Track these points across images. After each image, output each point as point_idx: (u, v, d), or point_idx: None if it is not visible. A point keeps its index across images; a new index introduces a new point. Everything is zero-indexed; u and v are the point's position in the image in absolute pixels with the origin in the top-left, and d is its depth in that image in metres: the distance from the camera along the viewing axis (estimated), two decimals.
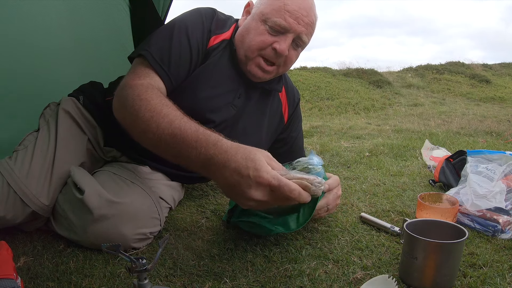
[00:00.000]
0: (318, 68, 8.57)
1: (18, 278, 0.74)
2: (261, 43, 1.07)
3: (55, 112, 1.16)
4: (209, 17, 1.12)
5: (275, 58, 1.09)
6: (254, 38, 1.08)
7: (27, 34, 1.51)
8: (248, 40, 1.09)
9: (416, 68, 10.08)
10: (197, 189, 1.48)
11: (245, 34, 1.10)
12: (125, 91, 0.93)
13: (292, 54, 1.12)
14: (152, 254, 0.96)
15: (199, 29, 1.08)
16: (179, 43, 1.04)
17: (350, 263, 0.90)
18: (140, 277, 0.67)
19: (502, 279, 0.84)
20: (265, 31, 1.07)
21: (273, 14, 1.05)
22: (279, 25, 1.05)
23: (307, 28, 1.09)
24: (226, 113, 1.14)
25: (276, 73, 1.16)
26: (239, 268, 0.88)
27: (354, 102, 6.34)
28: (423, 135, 2.87)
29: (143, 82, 0.95)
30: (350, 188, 1.50)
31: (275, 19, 1.05)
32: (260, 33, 1.07)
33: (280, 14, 1.05)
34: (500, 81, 9.57)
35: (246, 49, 1.09)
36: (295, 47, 1.12)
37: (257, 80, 1.15)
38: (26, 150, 1.06)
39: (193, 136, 0.80)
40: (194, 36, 1.06)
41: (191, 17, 1.10)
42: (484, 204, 1.11)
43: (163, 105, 0.87)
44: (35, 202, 0.99)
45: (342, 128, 3.35)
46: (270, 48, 1.07)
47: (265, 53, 1.08)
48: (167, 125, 0.83)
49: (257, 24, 1.08)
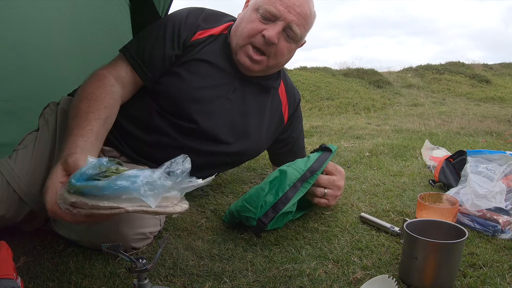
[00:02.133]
0: (318, 68, 8.57)
1: (18, 278, 0.74)
2: (251, 30, 1.09)
3: (55, 112, 1.16)
4: (194, 14, 1.16)
5: (265, 46, 1.10)
6: (246, 26, 1.11)
7: (27, 34, 1.50)
8: (240, 29, 1.12)
9: (416, 68, 10.07)
10: (197, 189, 1.48)
11: (239, 24, 1.14)
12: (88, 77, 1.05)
13: (283, 46, 1.12)
14: (152, 254, 0.96)
15: (179, 23, 1.12)
16: (154, 37, 1.11)
17: (350, 263, 0.90)
18: (140, 277, 0.67)
19: (502, 279, 0.84)
20: (257, 19, 1.09)
21: (265, 2, 1.09)
22: (269, 11, 1.07)
23: (298, 18, 1.09)
24: (219, 106, 1.15)
25: (266, 65, 1.15)
26: (239, 268, 0.88)
27: (354, 102, 6.34)
28: (423, 135, 2.87)
29: (102, 72, 1.06)
30: (350, 188, 1.50)
31: (266, 6, 1.08)
32: (252, 21, 1.10)
33: (271, 2, 1.08)
34: (500, 81, 9.56)
35: (238, 38, 1.12)
36: (286, 38, 1.12)
37: (248, 72, 1.16)
38: (26, 150, 1.06)
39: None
40: (170, 29, 1.11)
41: (175, 13, 1.16)
42: (484, 204, 1.11)
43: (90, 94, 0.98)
44: (34, 201, 0.99)
45: (342, 128, 3.34)
46: (260, 35, 1.09)
47: (255, 40, 1.10)
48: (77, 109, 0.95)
49: (250, 13, 1.11)
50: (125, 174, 0.66)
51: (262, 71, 1.17)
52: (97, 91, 0.99)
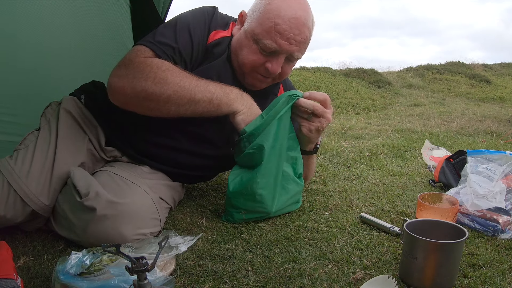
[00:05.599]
0: (318, 68, 8.56)
1: (18, 278, 0.74)
2: (253, 63, 1.09)
3: (56, 112, 1.16)
4: (210, 14, 1.14)
5: (269, 75, 1.12)
6: (247, 56, 1.09)
7: (29, 33, 1.51)
8: (241, 57, 1.11)
9: (416, 68, 10.06)
10: (197, 189, 1.48)
11: (238, 49, 1.12)
12: (139, 67, 0.97)
13: (286, 68, 1.14)
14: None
15: (200, 26, 1.10)
16: (181, 40, 1.06)
17: (350, 263, 0.90)
18: (140, 277, 0.67)
19: (502, 279, 0.84)
20: (257, 50, 1.08)
21: (263, 35, 1.05)
22: (269, 48, 1.06)
23: (299, 46, 1.09)
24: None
25: (272, 83, 1.20)
26: (239, 268, 0.88)
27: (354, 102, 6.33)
28: (423, 135, 2.87)
29: (150, 58, 1.00)
30: (350, 188, 1.50)
31: (265, 41, 1.05)
32: (253, 52, 1.08)
33: (270, 36, 1.04)
34: (500, 81, 9.55)
35: (240, 64, 1.12)
36: (288, 62, 1.14)
37: (255, 89, 1.18)
38: (26, 150, 1.06)
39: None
40: (195, 33, 1.08)
41: (193, 14, 1.12)
42: (484, 204, 1.11)
43: (179, 72, 1.00)
44: (35, 201, 0.99)
45: (342, 128, 3.34)
46: (263, 67, 1.10)
47: (259, 70, 1.11)
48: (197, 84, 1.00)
49: (249, 42, 1.09)
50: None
51: (268, 85, 1.21)
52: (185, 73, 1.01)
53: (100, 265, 0.77)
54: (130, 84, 0.97)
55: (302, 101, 1.09)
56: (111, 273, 0.74)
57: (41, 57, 1.57)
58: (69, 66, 1.69)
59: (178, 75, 0.99)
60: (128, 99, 1.00)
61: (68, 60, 1.68)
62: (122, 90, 0.99)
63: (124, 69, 0.99)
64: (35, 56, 1.55)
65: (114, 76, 1.00)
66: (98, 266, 0.77)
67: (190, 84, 0.99)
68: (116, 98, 1.02)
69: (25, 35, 1.49)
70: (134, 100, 0.99)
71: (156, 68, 0.97)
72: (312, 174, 1.36)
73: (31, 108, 1.38)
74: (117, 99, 1.03)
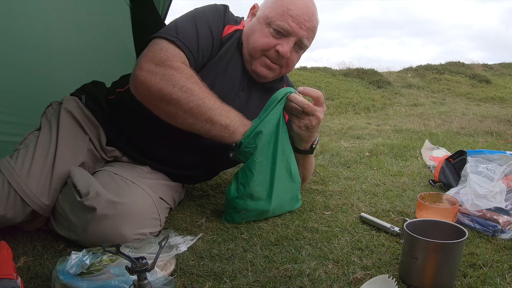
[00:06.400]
0: (318, 68, 8.56)
1: (18, 278, 0.74)
2: (265, 45, 1.13)
3: (57, 112, 1.16)
4: (223, 10, 1.18)
5: (278, 60, 1.15)
6: (259, 39, 1.13)
7: (29, 33, 1.51)
8: (253, 41, 1.14)
9: (416, 68, 10.05)
10: (197, 189, 1.48)
11: (250, 35, 1.15)
12: (169, 71, 0.98)
13: (293, 56, 1.18)
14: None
15: (218, 20, 1.14)
16: (203, 33, 1.08)
17: (350, 263, 0.90)
18: (140, 277, 0.67)
19: (502, 279, 0.84)
20: (269, 33, 1.12)
21: (277, 18, 1.11)
22: (282, 28, 1.11)
23: (308, 32, 1.15)
24: (231, 102, 1.15)
25: (278, 73, 1.21)
26: (239, 268, 0.88)
27: (354, 102, 6.33)
28: (423, 135, 2.87)
29: (182, 65, 1.01)
30: (350, 188, 1.50)
31: (279, 23, 1.11)
32: (264, 35, 1.13)
33: (284, 18, 1.10)
34: (500, 81, 9.55)
35: (250, 49, 1.15)
36: (297, 49, 1.18)
37: (261, 79, 1.20)
38: (27, 149, 1.06)
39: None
40: (214, 27, 1.12)
41: (209, 10, 1.15)
42: (484, 204, 1.11)
43: (206, 90, 1.03)
44: (35, 201, 0.99)
45: (342, 128, 3.34)
46: (273, 50, 1.13)
47: (269, 54, 1.14)
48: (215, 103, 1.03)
49: (262, 26, 1.13)
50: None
51: (273, 78, 1.23)
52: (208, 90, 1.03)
53: (100, 265, 0.77)
54: (158, 83, 0.97)
55: (293, 96, 1.09)
56: (111, 273, 0.74)
57: (42, 57, 1.57)
58: (70, 66, 1.69)
59: (205, 91, 1.02)
60: (151, 97, 1.00)
61: (69, 60, 1.68)
62: (148, 86, 0.98)
63: (154, 66, 0.99)
64: (36, 56, 1.55)
65: (143, 69, 0.99)
66: (98, 266, 0.77)
67: (213, 104, 1.02)
68: (139, 91, 1.02)
69: (25, 35, 1.49)
70: (155, 99, 1.00)
71: (186, 78, 0.99)
72: (309, 175, 1.36)
73: (31, 108, 1.38)
74: (140, 93, 1.02)
